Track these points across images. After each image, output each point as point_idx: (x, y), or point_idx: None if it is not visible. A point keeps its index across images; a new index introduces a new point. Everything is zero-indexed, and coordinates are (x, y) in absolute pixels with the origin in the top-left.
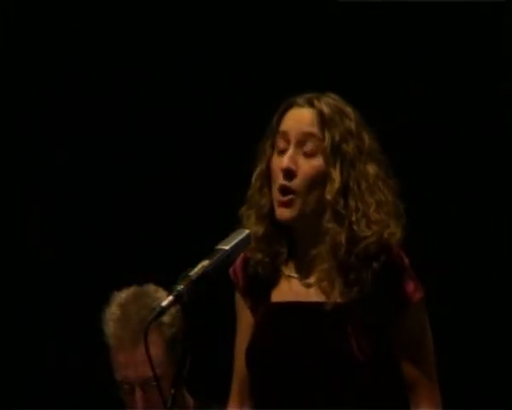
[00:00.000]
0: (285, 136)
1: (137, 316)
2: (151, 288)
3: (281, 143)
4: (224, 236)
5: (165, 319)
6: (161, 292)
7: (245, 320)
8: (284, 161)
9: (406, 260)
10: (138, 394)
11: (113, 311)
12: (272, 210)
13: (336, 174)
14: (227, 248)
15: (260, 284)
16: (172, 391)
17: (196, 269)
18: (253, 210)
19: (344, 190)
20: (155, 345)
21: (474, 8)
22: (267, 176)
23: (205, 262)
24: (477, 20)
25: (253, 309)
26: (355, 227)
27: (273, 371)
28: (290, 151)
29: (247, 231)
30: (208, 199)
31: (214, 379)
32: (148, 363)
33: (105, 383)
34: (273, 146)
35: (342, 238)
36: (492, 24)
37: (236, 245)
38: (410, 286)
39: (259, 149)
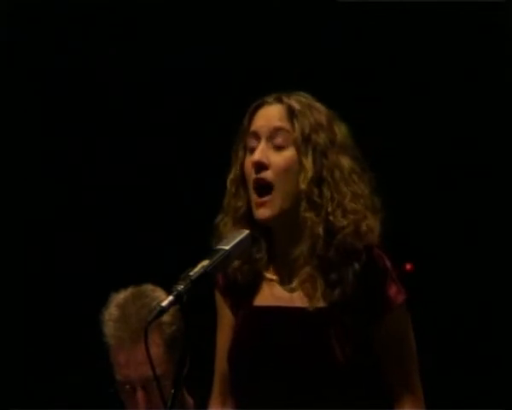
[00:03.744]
0: (255, 135)
1: (137, 316)
2: (149, 287)
3: (252, 143)
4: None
5: (165, 318)
6: (159, 291)
7: (225, 320)
8: (255, 155)
9: (388, 262)
10: (139, 394)
11: (111, 312)
12: (249, 212)
13: (308, 163)
14: (227, 248)
15: (240, 285)
16: (172, 391)
17: (196, 269)
18: (229, 215)
19: (318, 180)
20: (155, 344)
21: (474, 8)
22: (242, 179)
23: (205, 262)
24: (477, 20)
25: (234, 310)
26: (331, 217)
27: (255, 374)
28: (261, 146)
29: (246, 231)
30: (209, 199)
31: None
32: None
33: (105, 384)
34: (245, 148)
35: (320, 230)
36: (492, 24)
37: (236, 245)
38: (393, 289)
39: (232, 153)
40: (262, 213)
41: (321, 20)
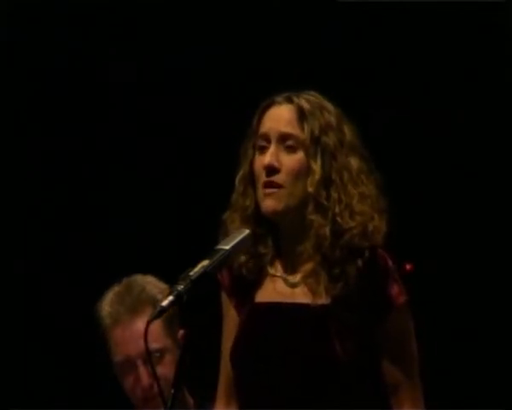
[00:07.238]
0: (265, 136)
1: (130, 295)
2: (138, 276)
3: (262, 143)
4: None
5: (160, 297)
6: (149, 277)
7: (231, 320)
8: (266, 158)
9: (391, 263)
10: (141, 369)
11: (106, 298)
12: (256, 211)
13: (317, 166)
14: (227, 248)
15: (245, 283)
16: (172, 391)
17: (196, 269)
18: (238, 213)
19: (326, 182)
20: None
21: (474, 8)
22: (250, 177)
23: (205, 262)
24: (477, 20)
25: (238, 309)
26: (339, 219)
27: (256, 372)
28: (272, 148)
29: (247, 231)
30: (209, 198)
31: (214, 379)
32: (149, 336)
33: (105, 384)
34: (254, 147)
35: (326, 231)
36: (492, 24)
37: (236, 245)
38: (395, 289)
39: (241, 151)
40: (268, 204)
41: (321, 20)
